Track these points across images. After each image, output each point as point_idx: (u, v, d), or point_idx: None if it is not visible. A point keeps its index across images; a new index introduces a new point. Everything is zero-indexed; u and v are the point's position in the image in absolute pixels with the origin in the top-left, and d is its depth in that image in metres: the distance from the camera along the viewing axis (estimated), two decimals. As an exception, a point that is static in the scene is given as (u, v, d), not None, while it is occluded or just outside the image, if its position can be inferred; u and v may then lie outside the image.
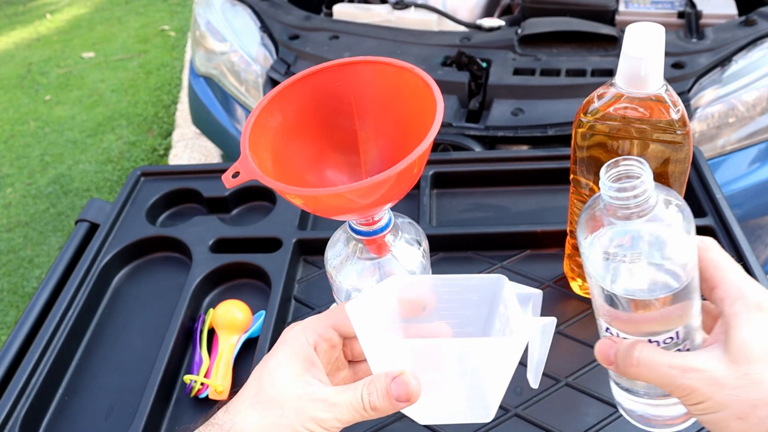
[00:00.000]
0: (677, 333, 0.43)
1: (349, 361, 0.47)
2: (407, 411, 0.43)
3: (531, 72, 1.33)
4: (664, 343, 0.43)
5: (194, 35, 1.72)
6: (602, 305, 0.44)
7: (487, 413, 0.44)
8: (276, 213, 0.86)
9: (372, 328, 0.40)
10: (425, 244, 0.55)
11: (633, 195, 0.39)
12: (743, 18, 1.36)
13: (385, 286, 0.44)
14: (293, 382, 0.40)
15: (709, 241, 0.43)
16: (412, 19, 1.55)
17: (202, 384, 0.67)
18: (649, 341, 0.42)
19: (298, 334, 0.43)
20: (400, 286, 0.45)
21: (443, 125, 1.20)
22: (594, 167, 0.61)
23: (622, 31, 0.80)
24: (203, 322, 0.74)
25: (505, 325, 0.43)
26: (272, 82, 1.42)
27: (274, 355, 0.42)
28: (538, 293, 0.44)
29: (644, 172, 0.39)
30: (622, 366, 0.42)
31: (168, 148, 2.61)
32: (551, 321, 0.42)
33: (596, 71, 1.30)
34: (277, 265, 0.78)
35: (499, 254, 0.78)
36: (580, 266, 0.70)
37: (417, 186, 0.87)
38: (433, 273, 0.56)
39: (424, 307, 0.45)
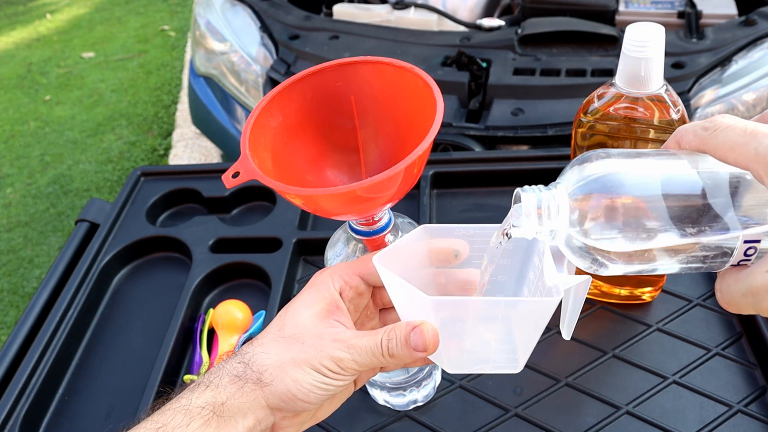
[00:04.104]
0: (745, 241, 0.34)
1: (380, 309, 0.48)
2: (435, 359, 0.42)
3: (531, 72, 1.33)
4: (746, 256, 0.34)
5: (194, 35, 1.72)
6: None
7: (515, 365, 0.43)
8: (276, 213, 0.86)
9: (398, 279, 0.40)
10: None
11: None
12: (743, 18, 1.36)
13: (415, 235, 0.44)
14: (316, 322, 0.41)
15: (705, 131, 0.34)
16: (412, 19, 1.55)
17: (202, 384, 0.67)
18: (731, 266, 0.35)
19: (325, 278, 0.44)
20: (431, 234, 0.44)
21: (443, 125, 1.20)
22: (594, 167, 0.61)
23: (622, 31, 0.80)
24: (203, 322, 0.74)
25: (538, 278, 0.42)
26: (272, 82, 1.42)
27: (300, 297, 0.43)
28: None
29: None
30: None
31: (168, 148, 2.61)
32: (586, 279, 0.40)
33: (596, 71, 1.30)
34: (277, 265, 0.78)
35: (499, 254, 0.78)
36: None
37: (417, 186, 0.87)
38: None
39: (456, 255, 0.45)
